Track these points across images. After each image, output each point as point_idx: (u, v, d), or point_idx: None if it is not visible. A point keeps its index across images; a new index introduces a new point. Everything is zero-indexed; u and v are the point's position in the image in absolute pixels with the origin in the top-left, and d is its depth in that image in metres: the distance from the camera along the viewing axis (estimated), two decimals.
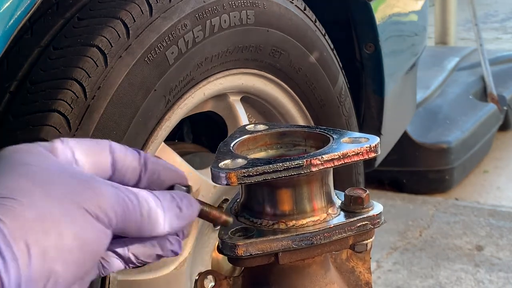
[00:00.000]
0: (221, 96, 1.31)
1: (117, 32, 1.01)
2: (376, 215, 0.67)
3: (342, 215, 0.67)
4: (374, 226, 0.67)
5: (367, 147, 0.65)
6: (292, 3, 1.35)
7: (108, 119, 1.00)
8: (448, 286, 2.14)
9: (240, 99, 1.35)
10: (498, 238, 2.42)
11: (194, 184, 1.20)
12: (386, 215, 0.83)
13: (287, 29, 1.32)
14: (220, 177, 0.62)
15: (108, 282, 1.12)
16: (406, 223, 2.57)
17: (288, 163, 0.62)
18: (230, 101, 1.32)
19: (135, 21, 1.03)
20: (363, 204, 0.68)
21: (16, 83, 0.98)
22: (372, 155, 0.65)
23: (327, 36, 1.48)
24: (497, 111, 3.20)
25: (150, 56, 1.04)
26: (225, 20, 1.17)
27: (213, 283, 0.73)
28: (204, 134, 1.69)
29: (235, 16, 1.19)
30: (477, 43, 3.48)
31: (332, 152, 0.63)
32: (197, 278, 0.73)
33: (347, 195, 0.68)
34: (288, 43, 1.33)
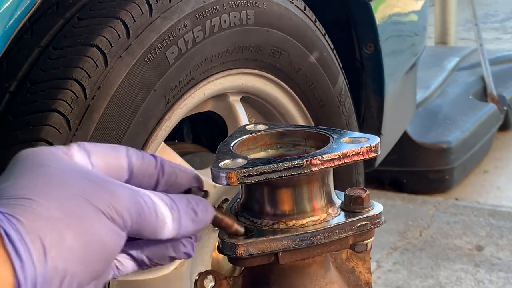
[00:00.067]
0: (221, 96, 1.31)
1: (117, 32, 1.01)
2: (376, 215, 0.67)
3: (342, 215, 0.67)
4: (374, 226, 0.67)
5: (367, 147, 0.65)
6: (292, 3, 1.35)
7: (108, 119, 0.99)
8: (448, 286, 2.14)
9: (240, 99, 1.35)
10: (498, 238, 2.42)
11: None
12: (386, 215, 0.83)
13: (287, 29, 1.32)
14: (220, 177, 0.62)
15: (108, 282, 1.12)
16: (406, 223, 2.57)
17: (288, 163, 0.62)
18: (230, 101, 1.32)
19: (135, 21, 1.03)
20: (363, 204, 0.68)
21: (16, 83, 0.98)
22: (372, 155, 0.65)
23: (327, 36, 1.48)
24: (497, 111, 3.20)
25: (150, 56, 1.04)
26: (225, 20, 1.17)
27: (213, 283, 0.73)
28: (204, 134, 1.69)
29: (235, 16, 1.19)
30: (477, 43, 3.48)
31: (332, 152, 0.63)
32: (197, 278, 0.73)
33: (347, 195, 0.68)
34: (288, 43, 1.33)
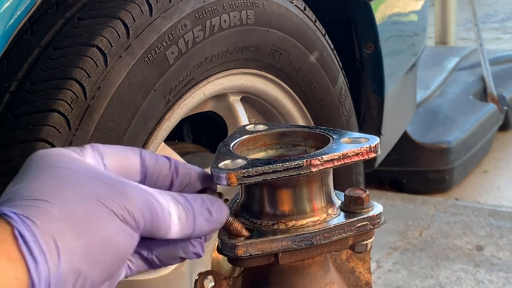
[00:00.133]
0: (221, 96, 1.31)
1: (117, 32, 1.01)
2: (376, 216, 0.67)
3: (342, 216, 0.67)
4: (374, 226, 0.67)
5: (367, 147, 0.65)
6: (292, 3, 1.35)
7: (108, 119, 0.99)
8: (448, 286, 2.14)
9: (240, 99, 1.35)
10: (498, 238, 2.42)
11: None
12: (386, 215, 0.83)
13: (287, 29, 1.32)
14: (220, 177, 0.62)
15: None
16: (406, 223, 2.57)
17: (288, 163, 0.62)
18: (230, 101, 1.32)
19: (135, 21, 1.03)
20: (363, 205, 0.67)
21: (16, 83, 0.98)
22: (372, 155, 0.65)
23: (327, 36, 1.48)
24: (497, 111, 3.20)
25: (150, 56, 1.04)
26: (225, 20, 1.17)
27: (213, 283, 0.73)
28: (204, 134, 1.69)
29: (235, 16, 1.19)
30: (477, 43, 3.47)
31: (332, 153, 0.63)
32: (197, 278, 0.73)
33: (347, 195, 0.68)
34: (288, 43, 1.33)
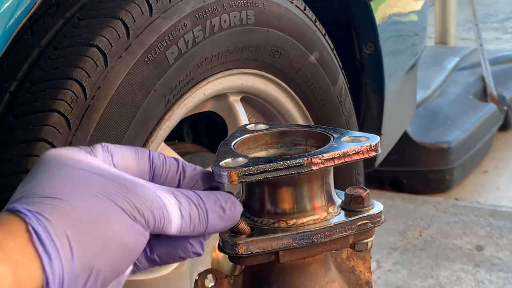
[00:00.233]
0: (221, 96, 1.31)
1: (117, 32, 1.01)
2: (376, 214, 0.67)
3: (343, 214, 0.67)
4: (375, 225, 0.67)
5: (367, 146, 0.65)
6: (292, 3, 1.35)
7: (108, 119, 0.99)
8: (448, 286, 2.14)
9: (240, 99, 1.35)
10: (498, 238, 2.42)
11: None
12: (386, 215, 0.83)
13: (287, 29, 1.32)
14: (221, 175, 0.62)
15: None
16: (406, 223, 2.57)
17: (288, 161, 0.62)
18: (230, 101, 1.32)
19: (135, 21, 1.03)
20: (363, 203, 0.68)
21: (16, 83, 0.98)
22: (373, 154, 0.65)
23: (327, 36, 1.48)
24: (497, 111, 3.20)
25: (150, 56, 1.04)
26: (225, 20, 1.17)
27: (213, 283, 0.73)
28: (204, 134, 1.69)
29: (235, 16, 1.19)
30: (477, 43, 3.48)
31: (332, 151, 0.63)
32: (197, 278, 0.73)
33: (348, 194, 0.68)
34: (288, 43, 1.33)
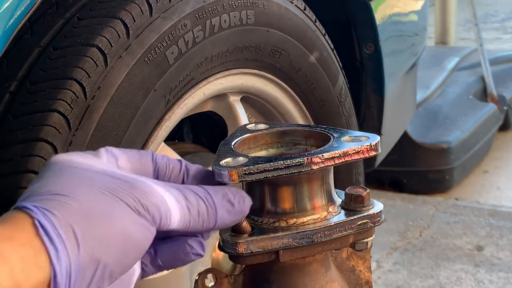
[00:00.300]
0: (221, 96, 1.31)
1: (117, 32, 1.01)
2: (376, 214, 0.67)
3: (343, 213, 0.67)
4: (375, 224, 0.68)
5: (367, 146, 0.65)
6: (292, 3, 1.35)
7: (108, 119, 0.99)
8: (448, 286, 2.14)
9: (240, 99, 1.35)
10: (498, 238, 2.42)
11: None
12: (386, 215, 0.83)
13: (287, 29, 1.32)
14: (221, 174, 0.62)
15: None
16: (406, 223, 2.57)
17: (289, 161, 0.62)
18: (230, 101, 1.32)
19: (135, 21, 1.03)
20: (363, 203, 0.68)
21: (16, 83, 0.98)
22: (373, 153, 0.65)
23: (327, 36, 1.48)
24: (497, 111, 3.21)
25: (150, 56, 1.04)
26: (225, 20, 1.17)
27: (213, 283, 0.73)
28: (204, 134, 1.69)
29: (235, 16, 1.19)
30: (477, 43, 3.48)
31: (332, 150, 0.63)
32: (197, 277, 0.73)
33: (348, 193, 0.68)
34: (288, 43, 1.33)
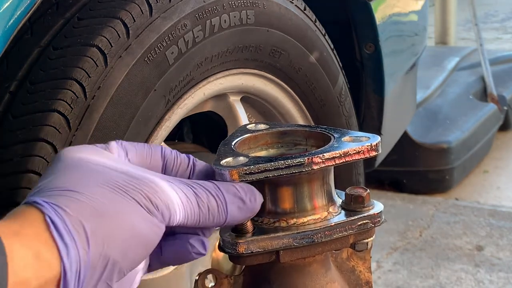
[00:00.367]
0: (221, 96, 1.31)
1: (117, 32, 1.01)
2: (376, 214, 0.67)
3: (343, 214, 0.67)
4: (375, 224, 0.67)
5: (368, 146, 0.65)
6: (292, 3, 1.35)
7: (108, 119, 0.99)
8: (448, 286, 2.14)
9: (240, 99, 1.35)
10: (498, 238, 2.42)
11: None
12: (386, 215, 0.83)
13: (287, 29, 1.32)
14: (222, 174, 0.62)
15: None
16: (406, 223, 2.57)
17: (289, 161, 0.62)
18: (230, 101, 1.32)
19: (135, 21, 1.03)
20: (363, 203, 0.68)
21: (16, 83, 0.98)
22: (373, 153, 0.65)
23: (327, 36, 1.48)
24: (497, 111, 3.20)
25: (150, 56, 1.04)
26: (225, 20, 1.17)
27: (213, 283, 0.73)
28: (204, 134, 1.69)
29: (235, 16, 1.19)
30: (477, 43, 3.48)
31: (333, 151, 0.63)
32: (197, 278, 0.73)
33: (348, 194, 0.68)
34: (288, 43, 1.33)
